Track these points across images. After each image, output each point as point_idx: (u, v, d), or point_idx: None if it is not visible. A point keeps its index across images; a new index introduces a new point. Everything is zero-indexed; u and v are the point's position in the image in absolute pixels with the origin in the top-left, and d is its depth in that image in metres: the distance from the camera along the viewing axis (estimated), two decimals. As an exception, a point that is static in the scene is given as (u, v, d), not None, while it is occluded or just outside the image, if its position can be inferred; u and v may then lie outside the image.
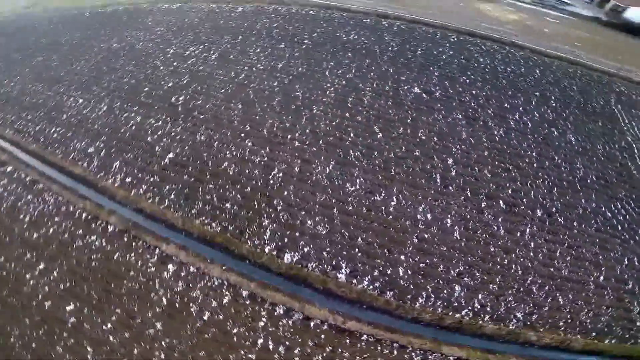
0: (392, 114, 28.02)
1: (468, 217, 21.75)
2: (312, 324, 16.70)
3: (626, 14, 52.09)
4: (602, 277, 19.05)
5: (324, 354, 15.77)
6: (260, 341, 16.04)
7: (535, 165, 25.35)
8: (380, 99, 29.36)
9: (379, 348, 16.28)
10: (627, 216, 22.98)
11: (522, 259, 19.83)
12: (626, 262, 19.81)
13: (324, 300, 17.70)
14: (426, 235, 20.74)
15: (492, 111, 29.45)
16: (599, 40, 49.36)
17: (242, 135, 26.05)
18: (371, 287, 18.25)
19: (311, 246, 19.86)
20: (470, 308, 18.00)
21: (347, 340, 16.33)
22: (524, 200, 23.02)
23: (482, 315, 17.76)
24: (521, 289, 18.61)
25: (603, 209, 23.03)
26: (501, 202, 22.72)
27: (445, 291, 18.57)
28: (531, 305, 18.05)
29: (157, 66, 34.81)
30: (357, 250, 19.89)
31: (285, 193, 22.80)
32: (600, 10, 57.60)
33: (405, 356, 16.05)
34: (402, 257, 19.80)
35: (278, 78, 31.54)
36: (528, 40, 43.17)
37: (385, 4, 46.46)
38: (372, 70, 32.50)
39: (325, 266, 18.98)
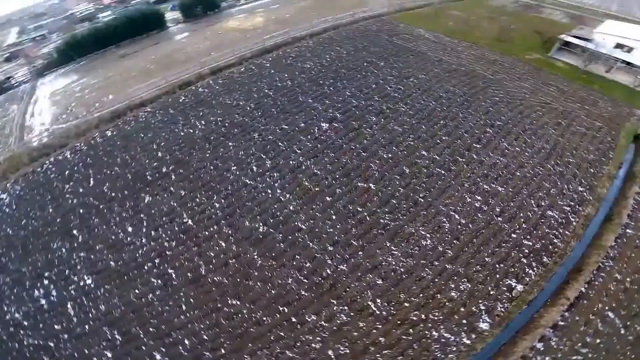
0: (351, 158, 26.44)
1: (479, 181, 24.48)
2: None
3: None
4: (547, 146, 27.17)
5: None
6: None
7: (445, 110, 30.93)
8: (321, 159, 26.58)
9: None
10: (498, 104, 32.01)
11: (529, 172, 24.74)
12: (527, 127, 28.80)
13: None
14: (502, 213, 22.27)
15: (378, 96, 32.53)
16: (310, 5, 60.07)
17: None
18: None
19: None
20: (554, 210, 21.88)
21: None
22: (476, 137, 28.11)
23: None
24: (555, 186, 23.84)
25: (489, 103, 31.58)
26: (472, 154, 26.47)
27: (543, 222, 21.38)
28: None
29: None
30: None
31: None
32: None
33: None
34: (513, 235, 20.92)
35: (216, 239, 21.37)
36: (300, 29, 47.55)
37: (167, 72, 39.23)
38: (270, 143, 28.19)
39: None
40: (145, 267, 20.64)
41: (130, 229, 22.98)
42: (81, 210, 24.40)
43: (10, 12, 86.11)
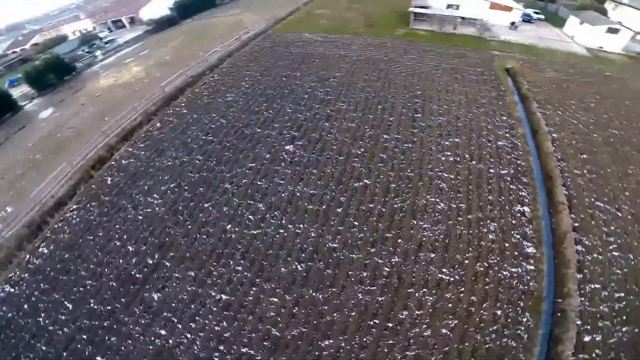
0: (333, 166, 27.51)
1: (439, 141, 29.47)
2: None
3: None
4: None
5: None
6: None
7: (374, 96, 34.86)
8: (307, 179, 26.87)
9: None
10: (407, 78, 38.14)
11: (466, 120, 30.84)
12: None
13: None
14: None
15: (316, 103, 34.40)
16: (182, 42, 58.28)
17: None
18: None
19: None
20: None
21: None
22: (413, 108, 32.96)
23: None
24: (489, 122, 30.61)
25: (400, 79, 37.12)
26: (419, 123, 31.52)
27: (501, 152, 27.79)
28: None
29: None
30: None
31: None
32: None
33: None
34: (491, 171, 26.50)
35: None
36: (194, 67, 45.75)
37: (63, 156, 32.27)
38: (249, 186, 27.31)
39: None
40: (215, 358, 17.84)
41: (163, 332, 19.07)
42: (84, 337, 18.88)
43: None
